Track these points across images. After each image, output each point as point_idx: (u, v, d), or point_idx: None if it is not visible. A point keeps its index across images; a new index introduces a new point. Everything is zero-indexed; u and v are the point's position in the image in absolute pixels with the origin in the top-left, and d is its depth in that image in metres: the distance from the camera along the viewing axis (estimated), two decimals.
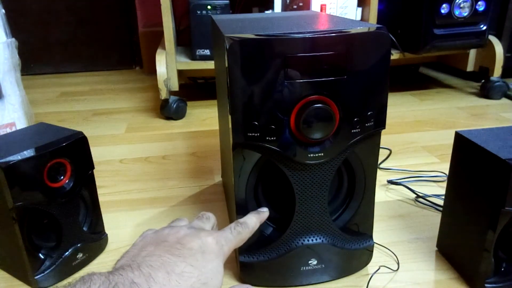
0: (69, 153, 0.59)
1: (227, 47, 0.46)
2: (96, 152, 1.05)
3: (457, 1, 1.25)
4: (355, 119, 0.51)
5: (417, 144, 1.06)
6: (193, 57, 1.28)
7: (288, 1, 1.27)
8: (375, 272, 0.61)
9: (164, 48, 1.24)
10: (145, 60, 1.89)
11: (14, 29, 1.04)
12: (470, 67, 1.51)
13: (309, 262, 0.57)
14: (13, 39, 0.99)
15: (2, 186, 0.52)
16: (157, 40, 1.42)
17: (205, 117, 1.30)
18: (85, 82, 1.76)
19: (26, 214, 0.55)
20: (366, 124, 0.52)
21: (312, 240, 0.56)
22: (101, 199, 0.66)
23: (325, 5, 1.26)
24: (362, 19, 1.35)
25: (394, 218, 0.74)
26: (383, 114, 0.52)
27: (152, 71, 1.83)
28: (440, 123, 1.21)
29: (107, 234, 0.68)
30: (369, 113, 0.51)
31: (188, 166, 0.97)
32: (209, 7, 1.24)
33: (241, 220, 0.49)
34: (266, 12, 1.30)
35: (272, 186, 0.57)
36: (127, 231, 0.72)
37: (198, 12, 1.24)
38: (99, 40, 1.89)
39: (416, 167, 0.93)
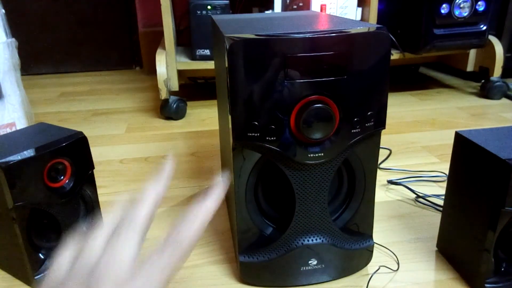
0: (69, 153, 0.59)
1: (227, 47, 0.46)
2: (96, 152, 1.05)
3: (457, 1, 1.25)
4: (355, 119, 0.51)
5: (417, 144, 1.06)
6: (193, 57, 1.28)
7: (288, 1, 1.27)
8: (375, 272, 0.61)
9: (164, 48, 1.24)
10: (145, 60, 1.89)
11: (14, 29, 1.04)
12: (470, 67, 1.51)
13: (309, 262, 0.57)
14: (13, 39, 0.99)
15: (2, 186, 0.52)
16: (157, 40, 1.42)
17: (205, 117, 1.30)
18: (85, 82, 1.76)
19: (26, 214, 0.55)
20: (366, 124, 0.52)
21: (312, 240, 0.56)
22: (101, 199, 0.66)
23: (325, 5, 1.26)
24: (362, 19, 1.35)
25: (394, 218, 0.74)
26: (383, 114, 0.52)
27: (152, 71, 1.83)
28: (440, 123, 1.21)
29: None
30: (369, 113, 0.51)
31: (188, 166, 0.97)
32: (209, 7, 1.24)
33: (173, 232, 0.30)
34: (266, 12, 1.30)
35: (272, 186, 0.57)
36: None
37: (198, 12, 1.24)
38: (99, 40, 1.89)
39: (416, 167, 0.93)
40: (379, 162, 0.81)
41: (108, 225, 0.31)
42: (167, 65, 1.24)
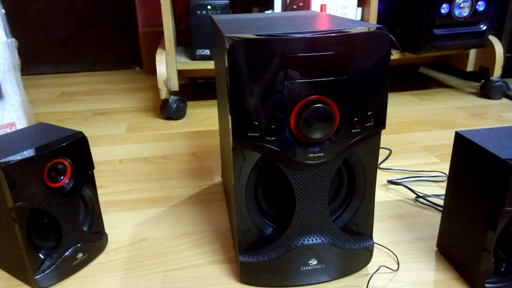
0: (69, 153, 0.59)
1: (227, 47, 0.46)
2: (96, 152, 1.05)
3: (457, 1, 1.25)
4: (355, 119, 0.51)
5: (417, 144, 1.06)
6: (193, 57, 1.28)
7: (288, 1, 1.27)
8: (375, 272, 0.61)
9: (164, 48, 1.24)
10: (145, 60, 1.89)
11: (14, 29, 1.04)
12: (470, 67, 1.51)
13: (309, 262, 0.57)
14: (13, 39, 0.99)
15: (2, 186, 0.52)
16: (157, 40, 1.42)
17: (205, 117, 1.30)
18: (85, 82, 1.76)
19: (26, 214, 0.55)
20: (366, 124, 0.52)
21: (312, 240, 0.56)
22: (101, 199, 0.67)
23: (325, 5, 1.26)
24: (362, 19, 1.35)
25: (394, 218, 0.74)
26: (383, 114, 0.52)
27: (152, 71, 1.83)
28: (440, 123, 1.21)
29: (107, 234, 0.68)
30: (369, 113, 0.51)
31: (188, 166, 0.97)
32: (209, 7, 1.24)
33: None
34: (266, 12, 1.29)
35: (272, 186, 0.57)
36: (127, 231, 0.72)
37: (198, 12, 1.24)
38: (99, 40, 1.89)
39: (416, 167, 0.93)
40: (379, 162, 0.81)
41: None
42: (167, 65, 1.24)
